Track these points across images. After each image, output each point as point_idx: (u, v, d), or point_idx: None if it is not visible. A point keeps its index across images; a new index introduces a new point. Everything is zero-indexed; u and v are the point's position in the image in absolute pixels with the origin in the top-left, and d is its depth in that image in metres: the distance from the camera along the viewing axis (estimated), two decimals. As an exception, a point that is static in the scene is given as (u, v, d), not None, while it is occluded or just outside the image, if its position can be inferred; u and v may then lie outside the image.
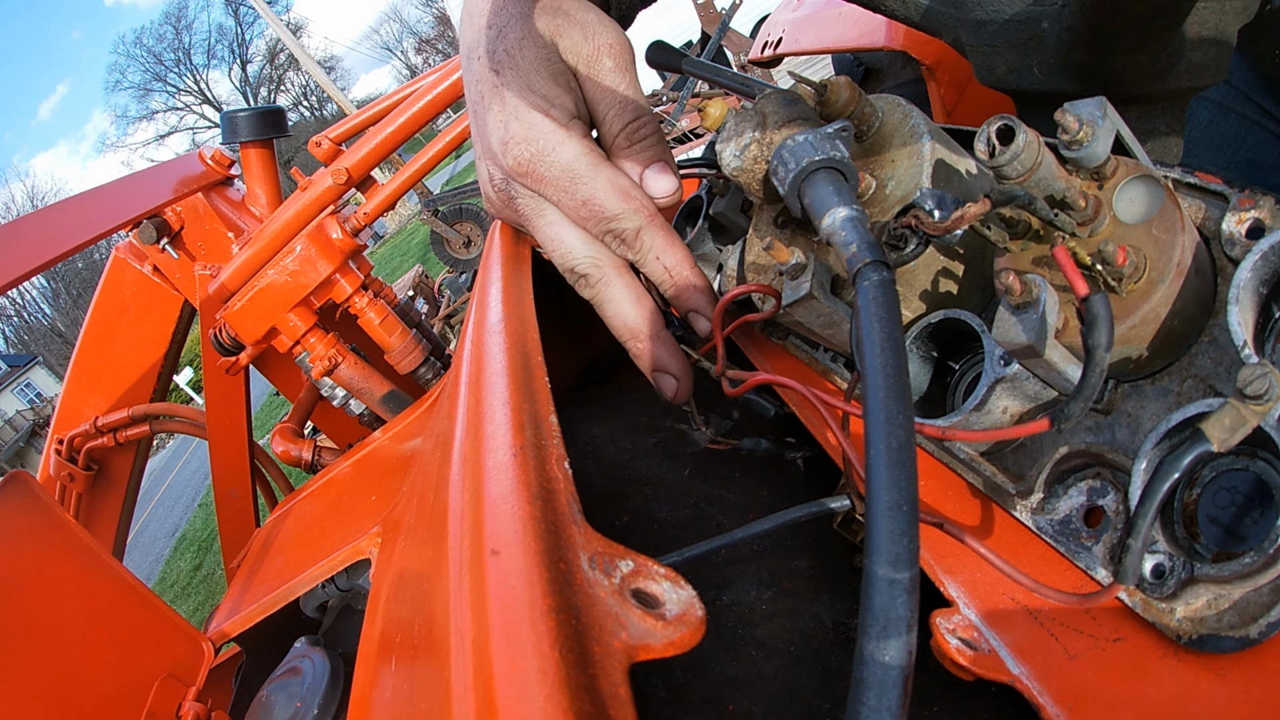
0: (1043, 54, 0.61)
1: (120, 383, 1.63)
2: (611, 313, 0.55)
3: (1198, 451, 0.32)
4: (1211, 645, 0.33)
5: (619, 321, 0.55)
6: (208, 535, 8.42)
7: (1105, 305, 0.33)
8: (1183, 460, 0.33)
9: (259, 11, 9.63)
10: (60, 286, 38.33)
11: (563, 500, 0.36)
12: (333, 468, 0.96)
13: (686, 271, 0.54)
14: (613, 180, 0.52)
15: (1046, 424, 0.35)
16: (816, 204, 0.38)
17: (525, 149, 0.52)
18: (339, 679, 0.64)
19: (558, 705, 0.24)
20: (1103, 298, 0.33)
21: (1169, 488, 0.33)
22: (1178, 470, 0.33)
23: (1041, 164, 0.37)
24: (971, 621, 0.38)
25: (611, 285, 0.54)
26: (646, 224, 0.53)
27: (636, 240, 0.53)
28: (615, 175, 0.53)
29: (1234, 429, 0.31)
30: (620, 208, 0.52)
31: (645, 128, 0.54)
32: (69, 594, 0.68)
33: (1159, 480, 0.33)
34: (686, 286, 0.54)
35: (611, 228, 0.53)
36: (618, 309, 0.55)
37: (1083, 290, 0.33)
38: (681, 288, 0.54)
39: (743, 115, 0.49)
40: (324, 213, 1.42)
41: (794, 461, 0.67)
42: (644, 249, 0.53)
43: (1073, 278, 0.33)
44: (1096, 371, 0.33)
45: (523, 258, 0.73)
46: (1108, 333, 0.32)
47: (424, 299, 7.04)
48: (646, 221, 0.53)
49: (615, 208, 0.52)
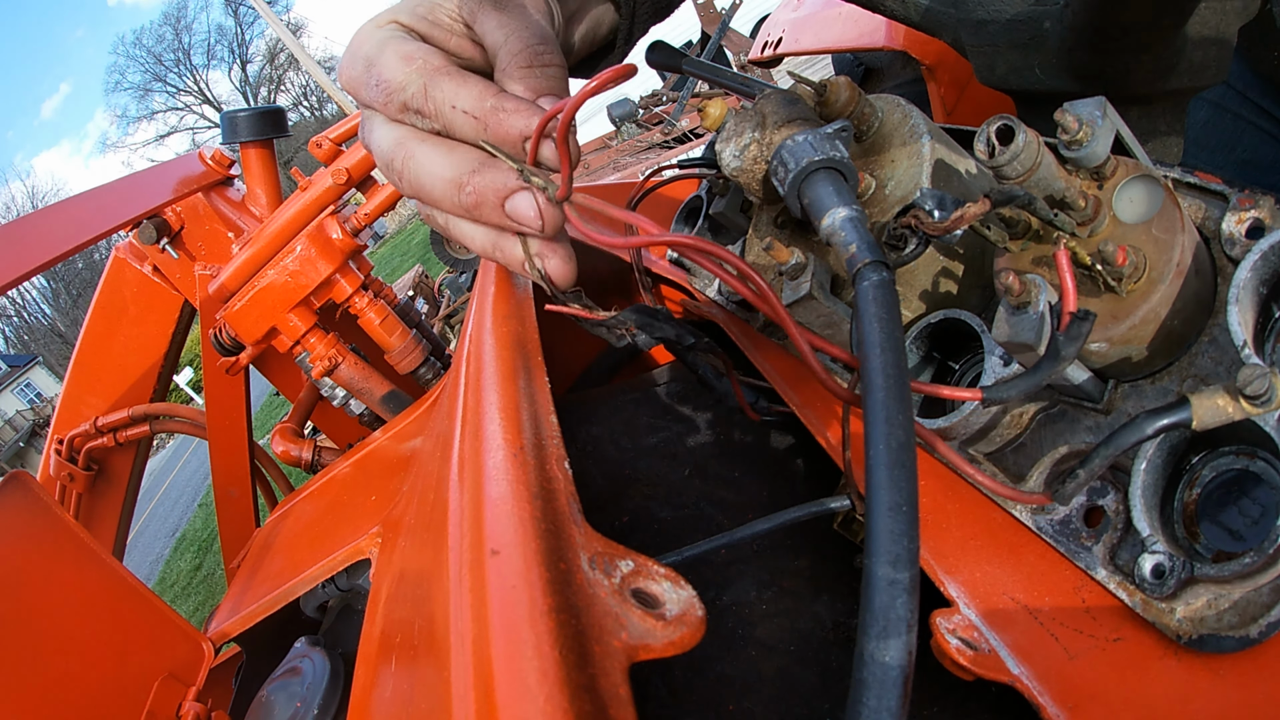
0: (1044, 54, 0.61)
1: (120, 383, 1.63)
2: (426, 182, 0.47)
3: (1177, 418, 0.33)
4: (1211, 645, 0.33)
5: (431, 182, 0.47)
6: (208, 535, 8.41)
7: (1088, 328, 0.34)
8: (1159, 420, 0.33)
9: (259, 11, 9.66)
10: (60, 286, 38.35)
11: (563, 500, 0.36)
12: (333, 468, 0.96)
13: (490, 101, 0.45)
14: (397, 49, 0.47)
15: (979, 394, 0.38)
16: (816, 204, 0.38)
17: (346, 59, 0.49)
18: (339, 679, 0.64)
19: (558, 705, 0.24)
20: (1089, 321, 0.34)
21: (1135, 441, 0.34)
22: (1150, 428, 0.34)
23: (1041, 164, 0.37)
24: (971, 621, 0.38)
25: (415, 155, 0.47)
26: (430, 77, 0.46)
27: (428, 101, 0.46)
28: (401, 44, 0.47)
29: (1217, 413, 0.32)
30: (403, 74, 0.46)
31: (549, 54, 0.48)
32: (69, 594, 0.68)
33: (1127, 433, 0.34)
34: (498, 118, 0.45)
35: (402, 100, 0.46)
36: (427, 171, 0.47)
37: (1072, 304, 0.34)
38: (494, 122, 0.45)
39: (742, 115, 0.49)
40: (324, 213, 1.42)
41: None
42: (438, 105, 0.46)
43: (1066, 286, 0.34)
44: (1047, 373, 0.35)
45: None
46: (1076, 349, 0.34)
47: (424, 299, 7.05)
48: (430, 74, 0.46)
49: (399, 76, 0.46)
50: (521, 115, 0.44)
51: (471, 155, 0.46)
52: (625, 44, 0.65)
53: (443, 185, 0.47)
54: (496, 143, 0.45)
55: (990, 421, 0.44)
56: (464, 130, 0.46)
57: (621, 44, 0.65)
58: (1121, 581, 0.37)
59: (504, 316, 0.60)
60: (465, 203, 0.47)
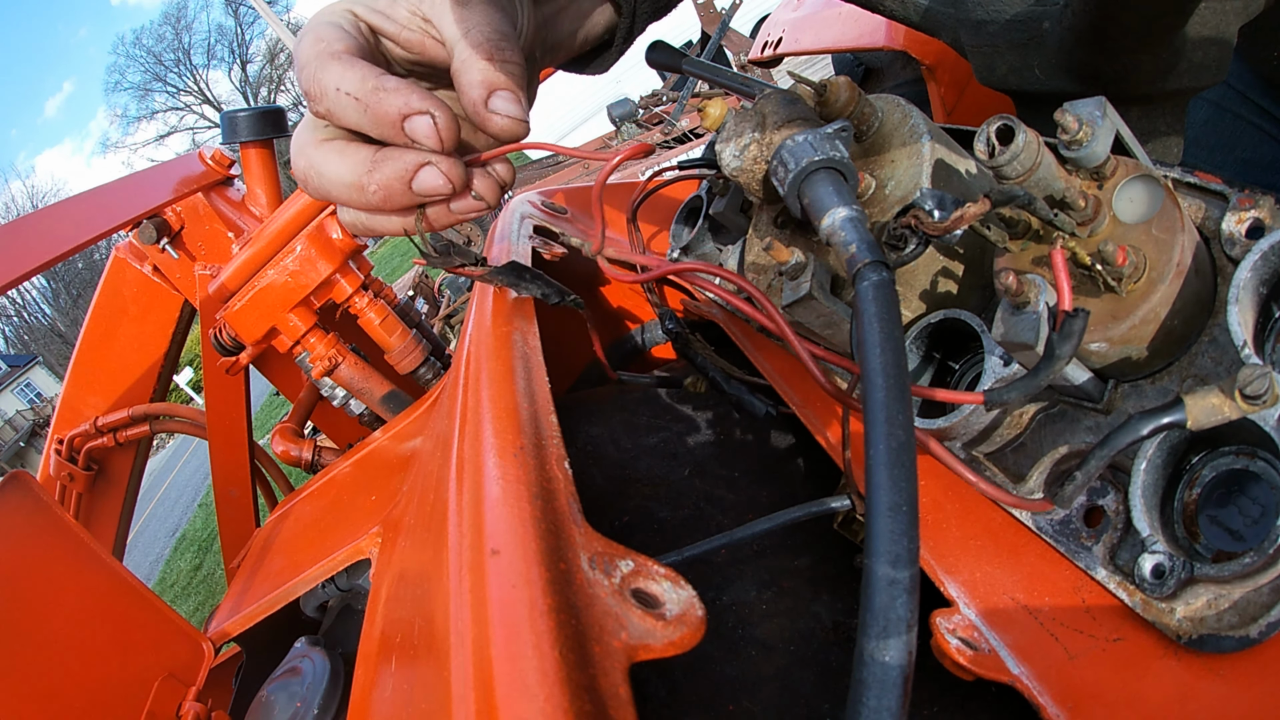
0: (1044, 54, 0.61)
1: (120, 383, 1.63)
2: (332, 190, 0.46)
3: (1171, 419, 0.33)
4: (1211, 645, 0.33)
5: (337, 189, 0.46)
6: (208, 535, 8.41)
7: (1081, 326, 0.34)
8: (1153, 421, 0.33)
9: (259, 11, 9.59)
10: (60, 286, 38.33)
11: (563, 500, 0.36)
12: (333, 468, 0.96)
13: (371, 83, 0.43)
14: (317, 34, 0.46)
15: (981, 398, 0.38)
16: (816, 204, 0.38)
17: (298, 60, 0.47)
18: (339, 679, 0.64)
19: (558, 705, 0.24)
20: (1083, 318, 0.34)
21: (1129, 443, 0.34)
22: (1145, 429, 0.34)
23: (1041, 164, 0.37)
24: (971, 621, 0.38)
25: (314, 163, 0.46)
26: (320, 61, 0.44)
27: (315, 83, 0.44)
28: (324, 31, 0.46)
29: (1213, 412, 0.32)
30: (306, 55, 0.45)
31: (509, 50, 0.47)
32: (69, 594, 0.68)
33: (1121, 434, 0.34)
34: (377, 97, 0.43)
35: (301, 82, 0.45)
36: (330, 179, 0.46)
37: (1067, 304, 0.34)
38: (373, 102, 0.43)
39: (742, 115, 0.49)
40: (324, 213, 1.42)
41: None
42: (323, 87, 0.44)
43: (1062, 287, 0.34)
44: (1046, 374, 0.35)
45: (523, 259, 0.73)
46: (1072, 348, 0.34)
47: (424, 299, 7.04)
48: (322, 58, 0.44)
49: (303, 57, 0.45)
50: (400, 94, 0.43)
51: (365, 153, 0.45)
52: (624, 42, 0.65)
53: (347, 190, 0.46)
54: (374, 123, 0.44)
55: (990, 422, 0.44)
56: (347, 114, 0.45)
57: (620, 42, 0.64)
58: (1121, 581, 0.37)
59: (504, 316, 0.60)
60: (374, 201, 0.46)
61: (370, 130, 0.45)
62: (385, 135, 0.45)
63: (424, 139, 0.44)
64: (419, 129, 0.43)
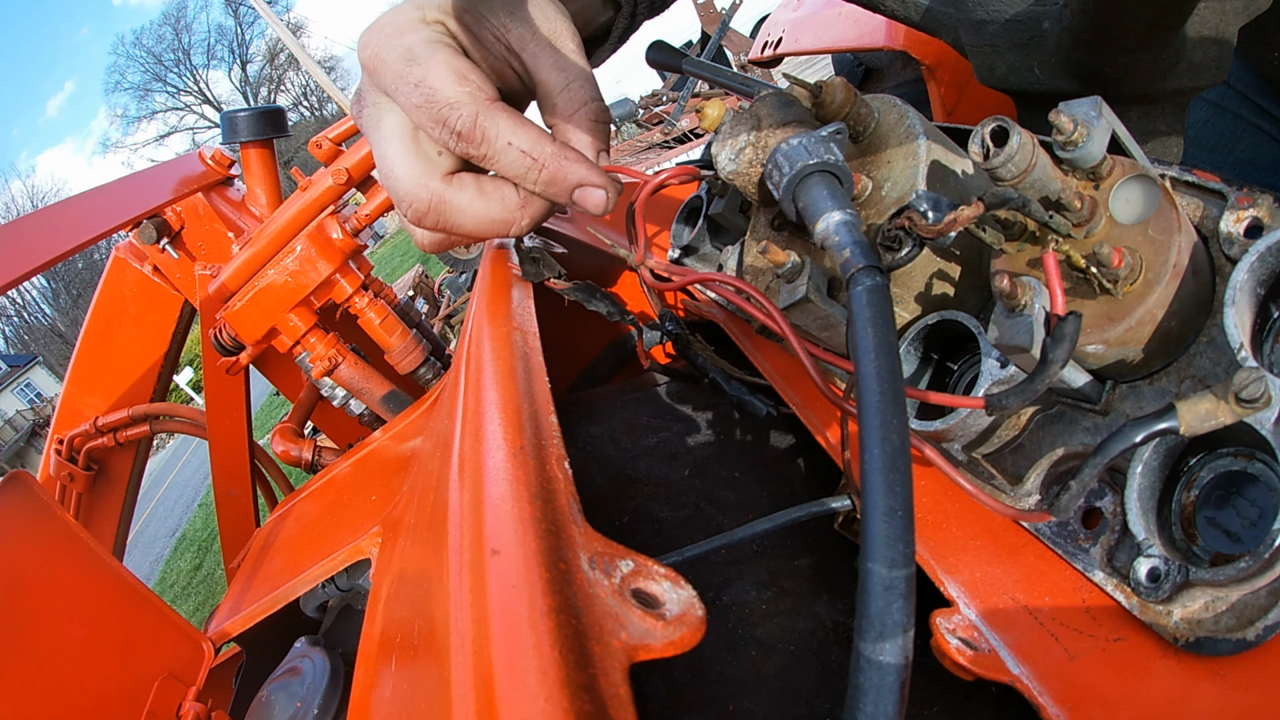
0: (1044, 54, 0.61)
1: (120, 383, 1.63)
2: (470, 225, 0.49)
3: (1163, 425, 0.33)
4: (1209, 648, 0.33)
5: (482, 222, 0.49)
6: (208, 535, 8.41)
7: (1074, 329, 0.34)
8: (1146, 429, 0.33)
9: (259, 11, 9.62)
10: (60, 286, 38.30)
11: (563, 500, 0.36)
12: (333, 468, 0.96)
13: (549, 148, 0.46)
14: (449, 62, 0.47)
15: (981, 403, 0.38)
16: (811, 208, 0.38)
17: (377, 34, 0.48)
18: (339, 679, 0.64)
19: (558, 705, 0.24)
20: (1075, 321, 0.34)
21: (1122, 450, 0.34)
22: (1138, 436, 0.34)
23: (1036, 165, 0.37)
24: (971, 621, 0.38)
25: (449, 203, 0.48)
26: (485, 108, 0.46)
27: (475, 128, 0.46)
28: (453, 58, 0.47)
29: (1206, 418, 0.32)
30: (455, 93, 0.46)
31: (606, 112, 0.50)
32: (69, 594, 0.68)
33: (1115, 442, 0.34)
34: (557, 163, 0.46)
35: (445, 116, 0.46)
36: (472, 213, 0.48)
37: (1059, 308, 0.34)
38: (555, 168, 0.46)
39: (738, 118, 0.49)
40: (324, 213, 1.42)
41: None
42: (488, 137, 0.46)
43: (1054, 291, 0.34)
44: (1042, 380, 0.35)
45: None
46: (1066, 352, 0.34)
47: (424, 299, 7.04)
48: (485, 106, 0.46)
49: (450, 93, 0.46)
50: (583, 166, 0.47)
51: (514, 196, 0.49)
52: (621, 38, 0.65)
53: (492, 225, 0.49)
54: (548, 185, 0.47)
55: (989, 425, 0.44)
56: (512, 166, 0.47)
57: (617, 38, 0.65)
58: (1119, 584, 0.37)
59: (504, 316, 0.60)
60: (514, 233, 0.50)
61: (533, 188, 0.48)
62: (550, 195, 0.49)
63: (591, 209, 0.48)
64: (589, 200, 0.47)
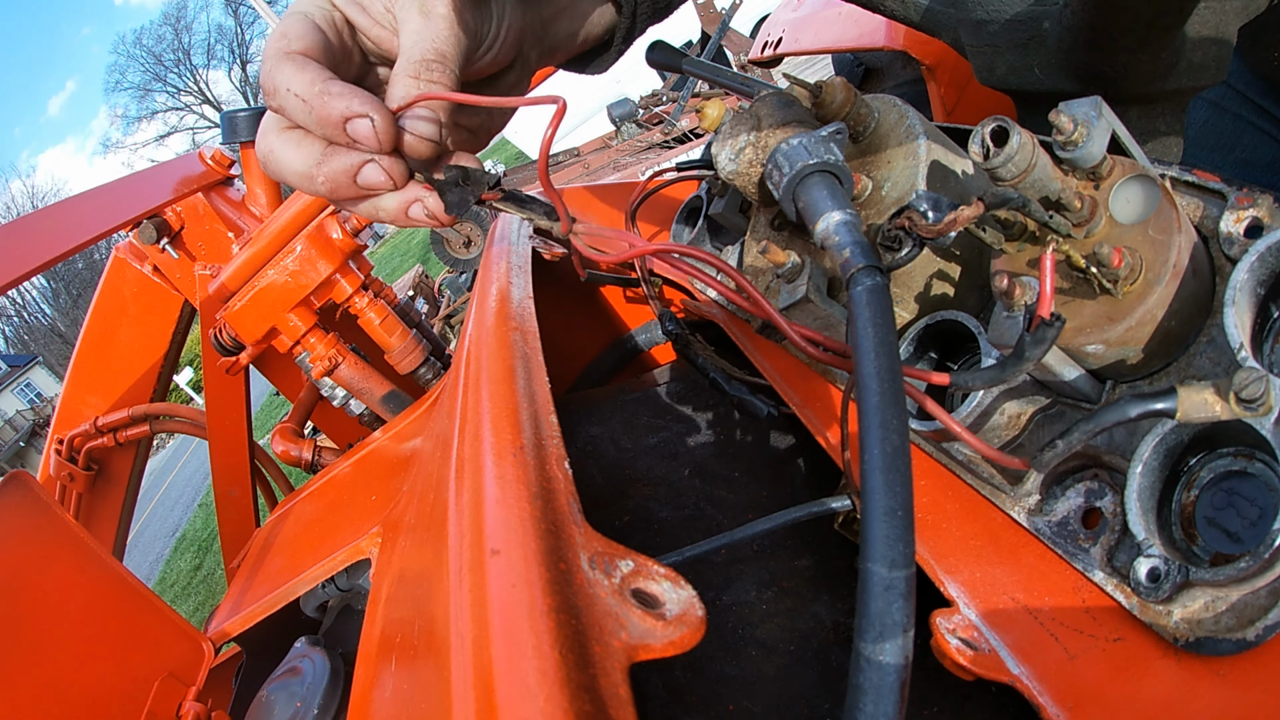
0: (1044, 54, 0.61)
1: (120, 383, 1.63)
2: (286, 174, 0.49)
3: (1160, 406, 0.33)
4: (1209, 648, 0.33)
5: (291, 175, 0.49)
6: (208, 535, 8.41)
7: (1054, 334, 0.34)
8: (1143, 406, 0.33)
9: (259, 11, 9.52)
10: (60, 286, 38.30)
11: (563, 500, 0.36)
12: (333, 468, 0.96)
13: (318, 87, 0.45)
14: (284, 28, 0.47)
15: (946, 379, 0.39)
16: (811, 208, 0.38)
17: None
18: (339, 679, 0.64)
19: (558, 705, 0.24)
20: (1056, 328, 0.35)
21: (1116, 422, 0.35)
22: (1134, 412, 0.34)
23: (1036, 165, 0.37)
24: (971, 621, 0.38)
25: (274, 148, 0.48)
26: (275, 60, 0.46)
27: (268, 80, 0.46)
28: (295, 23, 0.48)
29: (1204, 408, 0.32)
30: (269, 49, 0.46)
31: (439, 72, 0.49)
32: (69, 594, 0.68)
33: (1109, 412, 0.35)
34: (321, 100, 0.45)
35: (260, 83, 0.46)
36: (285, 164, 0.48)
37: (1045, 310, 0.35)
38: (318, 105, 0.45)
39: (738, 118, 0.49)
40: (324, 213, 1.42)
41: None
42: (276, 86, 0.46)
43: (1044, 292, 0.34)
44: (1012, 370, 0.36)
45: (523, 259, 0.74)
46: (1042, 353, 0.35)
47: (424, 299, 7.04)
48: (276, 57, 0.46)
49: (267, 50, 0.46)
50: (343, 99, 0.46)
51: (317, 147, 0.48)
52: (624, 43, 0.65)
53: (298, 178, 0.49)
54: (319, 124, 0.47)
55: (986, 421, 0.44)
56: (295, 113, 0.47)
57: (620, 43, 0.64)
58: (1119, 584, 0.37)
59: (504, 316, 0.60)
60: (322, 190, 0.49)
61: (315, 130, 0.47)
62: (330, 136, 0.47)
63: (363, 140, 0.46)
64: (359, 131, 0.46)
